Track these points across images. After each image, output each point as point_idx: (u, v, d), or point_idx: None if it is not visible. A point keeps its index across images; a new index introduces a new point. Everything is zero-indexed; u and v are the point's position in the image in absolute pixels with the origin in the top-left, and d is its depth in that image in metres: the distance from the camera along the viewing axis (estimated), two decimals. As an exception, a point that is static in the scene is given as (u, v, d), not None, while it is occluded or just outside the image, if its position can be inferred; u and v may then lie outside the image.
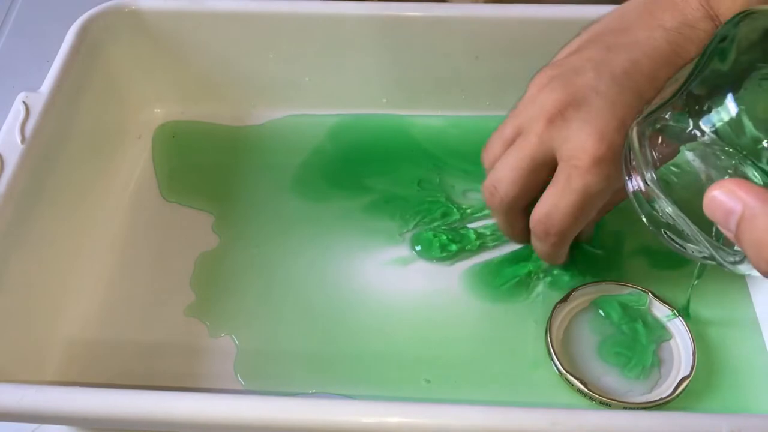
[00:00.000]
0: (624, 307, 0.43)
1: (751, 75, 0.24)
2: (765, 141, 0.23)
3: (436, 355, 0.42)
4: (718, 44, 0.26)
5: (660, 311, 0.43)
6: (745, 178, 0.24)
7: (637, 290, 0.43)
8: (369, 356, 0.42)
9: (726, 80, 0.25)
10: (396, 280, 0.45)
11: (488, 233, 0.47)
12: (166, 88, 0.54)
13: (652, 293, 0.43)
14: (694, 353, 0.40)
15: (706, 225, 0.26)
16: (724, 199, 0.22)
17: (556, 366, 0.40)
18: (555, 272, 0.45)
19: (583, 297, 0.43)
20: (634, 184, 0.29)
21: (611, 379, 0.40)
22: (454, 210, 0.48)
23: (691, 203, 0.27)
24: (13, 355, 0.38)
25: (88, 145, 0.48)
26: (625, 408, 0.39)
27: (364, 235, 0.47)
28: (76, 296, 0.44)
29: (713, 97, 0.25)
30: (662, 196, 0.28)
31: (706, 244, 0.27)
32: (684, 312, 0.42)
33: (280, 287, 0.45)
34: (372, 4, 0.50)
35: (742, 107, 0.24)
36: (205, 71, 0.53)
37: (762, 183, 0.24)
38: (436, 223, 0.48)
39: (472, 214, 0.48)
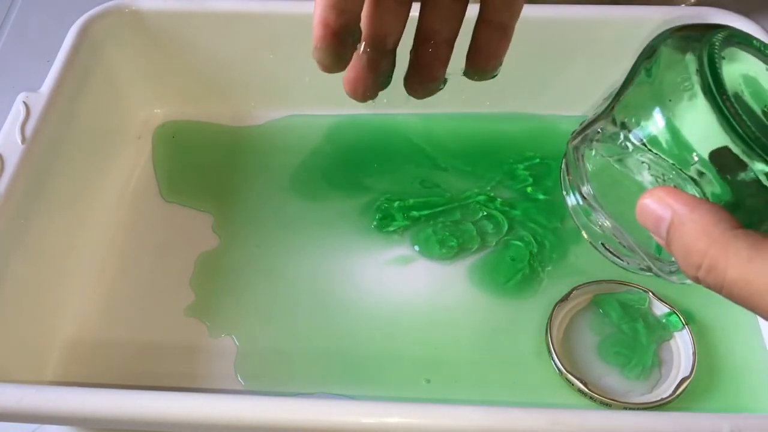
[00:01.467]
0: (624, 306, 0.43)
1: (677, 87, 0.24)
2: (691, 152, 0.24)
3: (436, 355, 0.42)
4: (646, 58, 0.26)
5: (660, 311, 0.43)
6: (676, 187, 0.24)
7: (637, 289, 0.43)
8: (369, 356, 0.42)
9: (652, 93, 0.25)
10: (396, 279, 0.45)
11: (489, 230, 0.47)
12: (166, 88, 0.54)
13: (652, 293, 0.43)
14: (694, 353, 0.40)
15: (643, 237, 0.27)
16: (654, 206, 0.23)
17: (556, 366, 0.40)
18: (553, 268, 0.45)
19: (583, 296, 0.43)
20: (572, 199, 0.30)
21: (611, 379, 0.40)
22: (455, 208, 0.48)
23: (626, 215, 0.27)
24: (13, 355, 0.38)
25: (88, 145, 0.48)
26: (625, 408, 0.39)
27: (364, 235, 0.47)
28: (76, 296, 0.44)
29: (641, 110, 0.25)
30: (599, 209, 0.28)
31: (643, 255, 0.28)
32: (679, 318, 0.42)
33: (280, 287, 0.45)
34: (372, 4, 0.50)
35: (668, 119, 0.24)
36: (205, 71, 0.53)
37: (692, 192, 0.24)
38: (438, 221, 0.48)
39: (473, 213, 0.48)
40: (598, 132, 0.28)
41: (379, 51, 0.31)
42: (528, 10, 0.50)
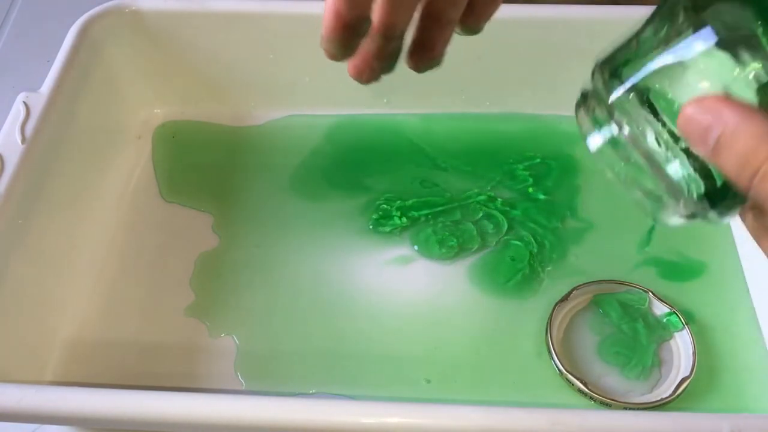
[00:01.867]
0: (624, 306, 0.43)
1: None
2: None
3: (436, 355, 0.42)
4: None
5: (660, 311, 0.43)
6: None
7: (637, 289, 0.43)
8: (369, 356, 0.42)
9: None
10: (396, 279, 0.45)
11: (489, 230, 0.47)
12: (166, 88, 0.54)
13: (652, 293, 0.43)
14: (694, 353, 0.40)
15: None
16: (702, 114, 0.22)
17: (556, 366, 0.40)
18: (553, 268, 0.45)
19: (583, 296, 0.43)
20: (603, 133, 0.29)
21: (611, 379, 0.40)
22: (455, 208, 0.48)
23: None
24: (13, 355, 0.38)
25: (88, 145, 0.48)
26: (625, 408, 0.39)
27: (364, 235, 0.47)
28: (76, 296, 0.44)
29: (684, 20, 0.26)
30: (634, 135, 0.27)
31: (677, 189, 0.27)
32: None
33: (280, 287, 0.45)
34: (372, 4, 0.50)
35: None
36: (205, 71, 0.53)
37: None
38: (438, 221, 0.48)
39: (473, 213, 0.48)
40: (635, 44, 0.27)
41: (387, 39, 0.31)
42: (528, 10, 0.50)
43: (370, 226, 0.47)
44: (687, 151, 0.26)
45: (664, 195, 0.28)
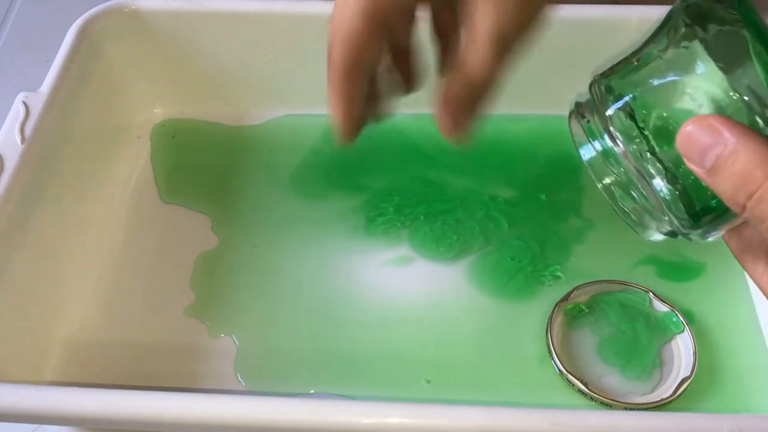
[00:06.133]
0: (624, 306, 0.43)
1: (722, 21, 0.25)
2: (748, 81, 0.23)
3: (436, 355, 0.42)
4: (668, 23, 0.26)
5: (661, 311, 0.43)
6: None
7: (638, 290, 0.43)
8: (369, 356, 0.42)
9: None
10: (396, 279, 0.45)
11: (490, 229, 0.47)
12: (166, 88, 0.54)
13: (652, 293, 0.43)
14: (695, 354, 0.40)
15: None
16: (702, 133, 0.22)
17: (556, 366, 0.40)
18: (553, 268, 0.45)
19: (583, 296, 0.43)
20: (595, 146, 0.29)
21: (612, 379, 0.40)
22: (456, 208, 0.48)
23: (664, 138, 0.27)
24: (12, 355, 0.38)
25: (88, 145, 0.48)
26: (625, 408, 0.39)
27: (364, 235, 0.47)
28: (76, 296, 0.44)
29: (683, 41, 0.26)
30: (627, 150, 0.27)
31: (664, 207, 0.27)
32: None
33: (280, 287, 0.45)
34: (372, 3, 0.50)
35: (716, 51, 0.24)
36: (205, 71, 0.53)
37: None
38: (438, 220, 0.47)
39: (474, 212, 0.48)
40: (635, 63, 0.27)
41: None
42: (528, 10, 0.50)
43: (364, 223, 0.47)
44: (677, 170, 0.26)
45: (650, 210, 0.28)
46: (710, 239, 0.27)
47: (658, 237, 0.29)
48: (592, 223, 0.47)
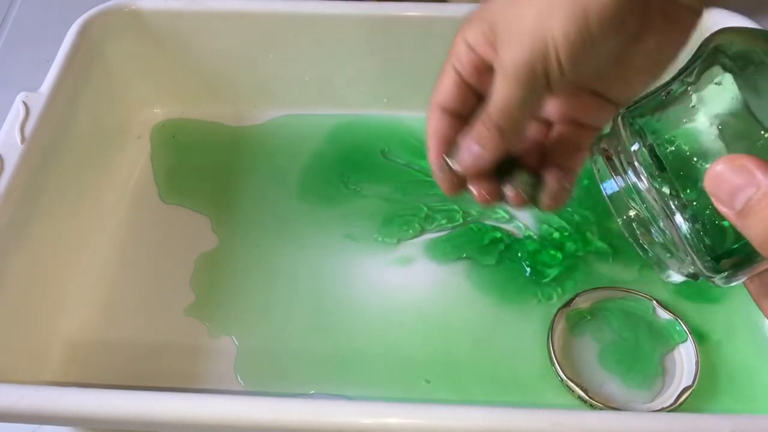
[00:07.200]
0: (626, 314, 0.42)
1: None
2: None
3: (437, 356, 0.42)
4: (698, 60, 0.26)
5: (663, 319, 0.42)
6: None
7: (641, 297, 0.43)
8: (369, 356, 0.42)
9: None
10: (396, 280, 0.45)
11: (491, 230, 0.47)
12: (166, 88, 0.54)
13: (656, 301, 0.42)
14: (697, 363, 0.40)
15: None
16: (733, 174, 0.21)
17: (557, 372, 0.40)
18: (557, 273, 0.45)
19: (585, 302, 0.43)
20: (618, 182, 0.29)
21: (613, 387, 0.40)
22: (457, 211, 0.48)
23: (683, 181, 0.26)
24: (13, 355, 0.38)
25: (88, 145, 0.48)
26: (626, 413, 0.38)
27: (364, 235, 0.47)
28: (76, 296, 0.44)
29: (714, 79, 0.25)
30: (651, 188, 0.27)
31: (688, 247, 0.26)
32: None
33: (280, 287, 0.45)
34: (372, 4, 0.50)
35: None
36: (205, 71, 0.53)
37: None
38: (445, 228, 0.47)
39: (474, 214, 0.48)
40: (661, 102, 0.27)
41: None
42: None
43: (364, 224, 0.47)
44: (701, 210, 0.25)
45: (671, 250, 0.27)
46: (734, 284, 0.26)
47: (678, 278, 0.29)
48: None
